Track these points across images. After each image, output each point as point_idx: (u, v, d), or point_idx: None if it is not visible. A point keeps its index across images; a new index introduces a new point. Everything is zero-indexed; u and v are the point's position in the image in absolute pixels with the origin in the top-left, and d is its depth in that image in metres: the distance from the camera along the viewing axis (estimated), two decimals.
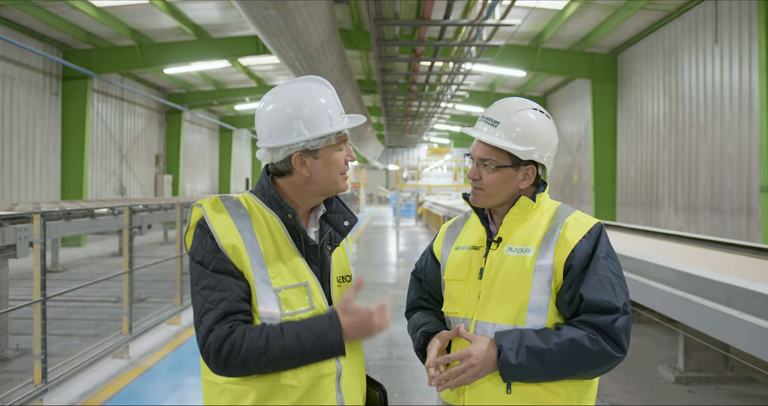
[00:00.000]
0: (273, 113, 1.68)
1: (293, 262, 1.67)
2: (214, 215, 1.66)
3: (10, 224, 5.59)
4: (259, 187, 1.74)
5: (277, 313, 1.61)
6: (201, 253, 1.63)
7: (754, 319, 3.21)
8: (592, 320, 1.64)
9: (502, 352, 1.65)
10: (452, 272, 1.88)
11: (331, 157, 1.71)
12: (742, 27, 10.54)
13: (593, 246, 1.73)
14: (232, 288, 1.58)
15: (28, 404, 4.34)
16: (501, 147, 1.77)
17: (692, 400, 4.96)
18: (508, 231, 1.82)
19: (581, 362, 1.63)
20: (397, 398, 4.90)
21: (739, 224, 10.60)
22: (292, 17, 6.87)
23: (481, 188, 1.82)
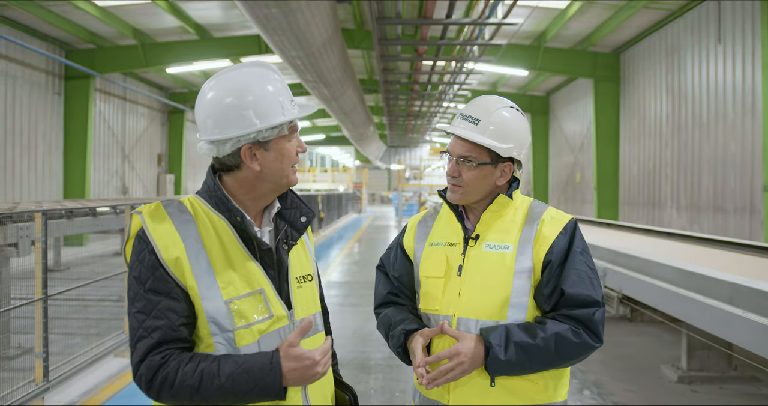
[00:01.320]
0: (219, 102, 1.52)
1: (246, 268, 1.55)
2: (154, 224, 1.51)
3: (12, 222, 5.60)
4: (206, 188, 1.60)
5: (228, 327, 1.49)
6: (138, 269, 1.49)
7: (758, 317, 3.20)
8: (573, 313, 1.71)
9: (491, 348, 1.68)
10: (429, 269, 1.88)
11: (283, 149, 1.57)
12: (746, 26, 10.50)
13: (569, 242, 1.78)
14: (167, 315, 1.45)
15: (29, 402, 4.34)
16: (484, 144, 1.79)
17: (695, 399, 4.94)
18: (485, 228, 1.84)
19: (565, 354, 1.70)
20: (399, 397, 4.89)
21: (742, 224, 10.57)
22: (294, 16, 6.87)
23: (459, 185, 1.84)
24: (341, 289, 9.95)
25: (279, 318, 1.57)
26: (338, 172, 44.04)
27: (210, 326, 1.49)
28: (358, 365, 5.60)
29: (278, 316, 1.57)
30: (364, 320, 7.64)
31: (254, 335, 1.51)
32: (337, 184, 40.25)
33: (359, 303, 8.72)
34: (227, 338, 1.49)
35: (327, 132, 37.54)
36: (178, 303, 1.47)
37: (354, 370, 5.43)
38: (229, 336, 1.49)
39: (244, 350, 1.50)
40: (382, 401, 4.78)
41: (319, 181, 39.18)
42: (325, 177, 41.24)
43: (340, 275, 11.68)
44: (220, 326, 1.49)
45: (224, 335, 1.49)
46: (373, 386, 5.10)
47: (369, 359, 5.82)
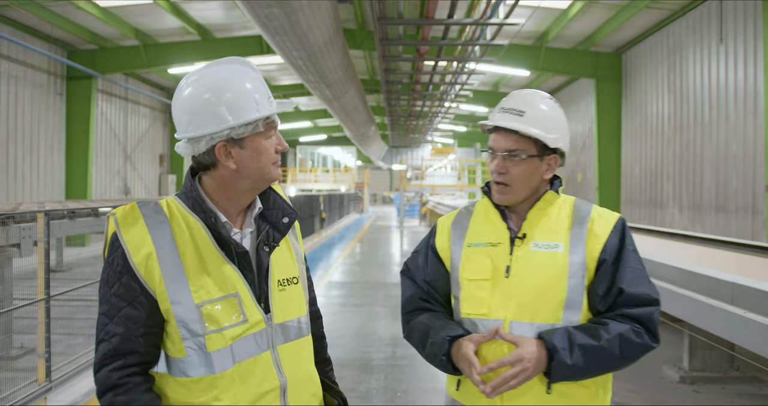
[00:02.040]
0: (193, 99, 1.49)
1: (220, 271, 1.51)
2: (127, 226, 1.49)
3: (14, 222, 5.62)
4: (184, 189, 1.58)
5: (199, 331, 1.46)
6: (107, 271, 1.48)
7: (759, 317, 3.19)
8: (632, 312, 1.66)
9: (555, 352, 1.62)
10: (472, 272, 1.80)
11: (260, 146, 1.53)
12: (747, 26, 10.50)
13: (620, 239, 1.74)
14: (126, 324, 1.44)
15: (32, 402, 4.35)
16: (533, 135, 1.75)
17: (697, 399, 4.94)
18: (531, 226, 1.79)
19: (628, 356, 1.65)
20: (401, 397, 4.89)
21: (745, 224, 10.56)
22: (295, 16, 6.87)
23: (506, 184, 1.78)
24: (343, 289, 9.96)
25: (255, 323, 1.53)
26: (340, 172, 44.05)
27: (180, 330, 1.46)
28: (359, 365, 5.60)
29: (254, 320, 1.53)
30: (365, 320, 7.65)
31: (226, 340, 1.48)
32: (339, 184, 40.26)
33: (361, 303, 8.72)
34: (198, 343, 1.47)
35: (329, 132, 37.54)
36: (139, 312, 1.45)
37: (355, 370, 5.44)
38: (200, 341, 1.47)
39: (215, 355, 1.47)
40: (384, 401, 4.78)
41: (320, 182, 39.19)
42: (326, 177, 41.25)
43: (341, 275, 11.68)
44: (190, 330, 1.46)
45: (195, 340, 1.47)
46: (375, 387, 5.10)
47: (371, 360, 5.83)
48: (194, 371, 1.47)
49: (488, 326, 1.73)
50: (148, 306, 1.46)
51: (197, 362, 1.47)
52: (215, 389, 1.47)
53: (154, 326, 1.47)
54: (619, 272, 1.69)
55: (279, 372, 1.55)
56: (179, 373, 1.48)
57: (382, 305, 8.58)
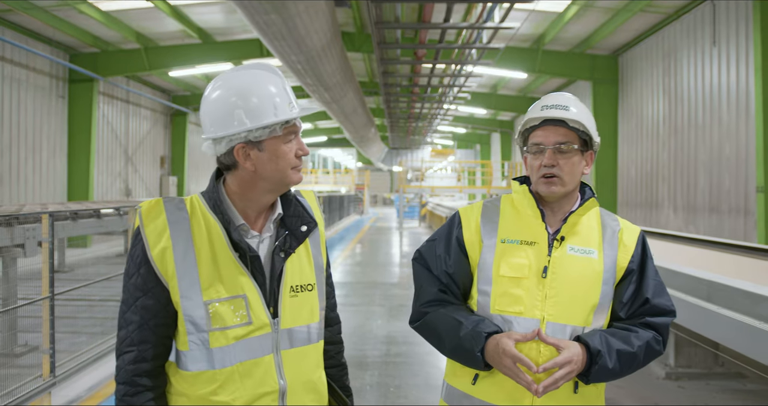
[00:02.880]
0: (215, 101, 1.56)
1: (231, 272, 1.56)
2: (149, 219, 1.56)
3: (18, 223, 5.77)
4: (207, 188, 1.64)
5: (203, 327, 1.53)
6: (129, 262, 1.57)
7: (732, 313, 3.34)
8: (654, 321, 1.76)
9: (599, 357, 1.68)
10: (510, 269, 1.81)
11: (278, 150, 1.57)
12: (740, 29, 10.65)
13: (643, 250, 1.85)
14: (142, 313, 1.53)
15: (36, 397, 4.50)
16: (583, 125, 1.81)
17: (681, 395, 5.09)
18: (569, 230, 1.84)
19: (646, 361, 1.76)
20: (393, 392, 5.04)
21: (737, 224, 10.70)
22: (293, 22, 7.03)
23: (557, 176, 1.81)
24: (343, 289, 10.10)
25: (260, 326, 1.57)
26: (340, 173, 44.19)
27: (186, 324, 1.52)
28: (355, 362, 5.76)
29: (259, 323, 1.57)
30: (363, 319, 7.80)
31: (228, 339, 1.53)
32: (339, 185, 40.41)
33: (360, 303, 8.87)
34: (201, 339, 1.53)
35: (329, 134, 37.72)
36: (154, 303, 1.53)
37: (351, 367, 5.51)
38: (204, 337, 1.53)
39: (216, 352, 1.53)
40: (377, 396, 4.93)
41: (321, 183, 39.35)
42: (327, 179, 41.41)
43: (341, 275, 11.83)
44: (196, 325, 1.52)
45: (199, 335, 1.53)
46: (369, 382, 5.26)
47: (366, 357, 5.99)
48: (194, 365, 1.54)
49: (523, 324, 1.76)
50: (162, 298, 1.53)
51: (198, 357, 1.53)
52: (214, 384, 1.53)
53: (167, 317, 1.54)
54: (644, 282, 1.80)
55: (280, 376, 1.58)
56: (182, 365, 1.56)
57: (379, 305, 8.72)
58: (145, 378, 1.54)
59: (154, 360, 1.55)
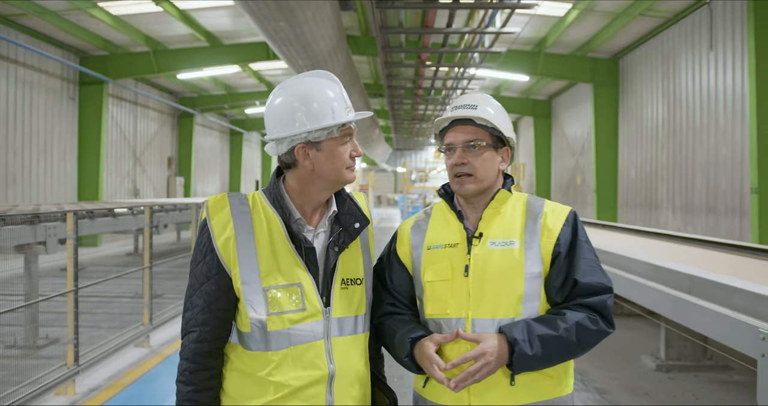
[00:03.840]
0: (279, 105, 1.71)
1: (288, 262, 1.69)
2: (215, 211, 1.72)
3: (39, 222, 6.06)
4: (269, 186, 1.79)
5: (263, 311, 1.66)
6: (197, 250, 1.72)
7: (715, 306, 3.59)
8: (587, 301, 1.74)
9: (516, 344, 1.68)
10: (434, 274, 1.86)
11: (335, 151, 1.71)
12: (735, 33, 10.89)
13: (573, 232, 1.83)
14: (205, 297, 1.69)
15: (62, 384, 4.79)
16: (491, 122, 1.84)
17: (671, 385, 5.35)
18: (486, 225, 1.85)
19: (585, 343, 1.73)
20: (396, 381, 5.32)
21: (732, 225, 10.95)
22: (300, 28, 7.32)
23: (469, 174, 1.84)
24: None
25: (313, 313, 1.69)
26: None
27: (247, 308, 1.67)
28: None
29: (312, 310, 1.69)
30: None
31: (284, 322, 1.66)
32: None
33: None
34: (261, 322, 1.66)
35: None
36: (217, 288, 1.68)
37: None
38: (262, 320, 1.66)
39: (273, 335, 1.66)
40: None
41: None
42: None
43: None
44: (255, 309, 1.66)
45: (258, 319, 1.66)
46: None
47: None
48: (255, 345, 1.68)
49: (452, 325, 1.79)
50: (224, 284, 1.68)
51: (258, 338, 1.67)
52: (270, 365, 1.66)
53: (228, 301, 1.69)
54: (573, 263, 1.78)
55: (330, 361, 1.69)
56: (244, 345, 1.70)
57: None
58: (204, 357, 1.70)
59: (215, 341, 1.71)
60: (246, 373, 1.69)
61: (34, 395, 4.46)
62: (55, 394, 4.84)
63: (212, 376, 1.72)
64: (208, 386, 1.71)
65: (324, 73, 1.76)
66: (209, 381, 1.71)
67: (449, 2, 9.14)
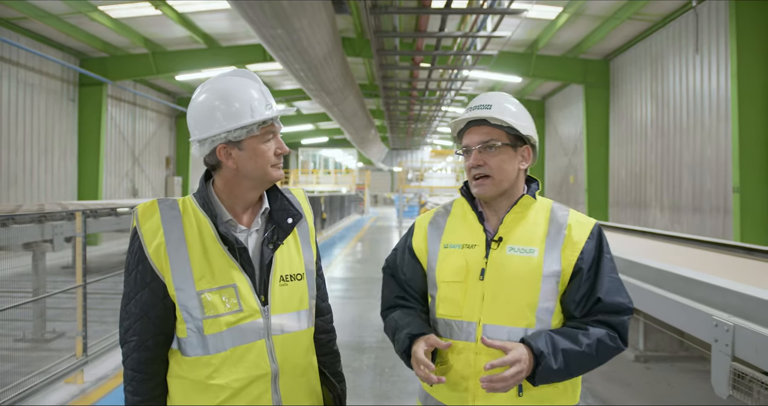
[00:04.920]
0: (197, 106, 1.68)
1: (221, 264, 1.66)
2: (145, 219, 1.68)
3: (46, 220, 6.34)
4: (198, 188, 1.76)
5: (198, 315, 1.63)
6: (129, 259, 1.69)
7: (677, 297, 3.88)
8: (608, 319, 1.72)
9: (543, 358, 1.64)
10: (447, 273, 1.82)
11: (257, 149, 1.67)
12: (720, 37, 11.20)
13: (597, 247, 1.78)
14: (142, 305, 1.65)
15: (72, 374, 5.08)
16: (505, 122, 1.80)
17: (647, 374, 5.66)
18: (507, 230, 1.81)
19: (602, 359, 1.71)
20: (387, 372, 5.62)
21: (717, 223, 11.27)
22: (297, 35, 7.60)
23: (487, 175, 1.81)
24: (343, 284, 10.68)
25: (251, 313, 1.66)
26: (341, 174, 44.71)
27: (182, 313, 1.63)
28: (354, 347, 6.36)
29: (249, 310, 1.66)
30: (362, 310, 8.38)
31: (221, 325, 1.64)
32: (340, 185, 40.92)
33: (359, 296, 9.46)
34: (197, 326, 1.63)
35: (330, 135, 38.26)
36: (152, 295, 1.65)
37: (351, 351, 6.19)
38: (198, 324, 1.63)
39: (210, 339, 1.63)
40: (374, 375, 5.52)
41: (322, 183, 39.87)
42: (328, 179, 41.93)
43: (342, 271, 12.41)
44: (191, 314, 1.63)
45: (194, 323, 1.63)
46: (366, 364, 5.85)
47: (364, 343, 6.58)
48: (192, 350, 1.65)
49: (463, 328, 1.77)
50: (159, 291, 1.65)
51: (195, 343, 1.64)
52: (210, 368, 1.64)
53: (164, 308, 1.66)
54: (598, 281, 1.74)
55: (272, 360, 1.68)
56: (182, 351, 1.67)
57: (377, 298, 9.24)
58: (147, 365, 1.68)
59: (156, 348, 1.68)
60: (187, 379, 1.67)
61: (45, 383, 4.75)
62: (65, 382, 5.12)
63: (158, 384, 1.71)
64: (155, 395, 1.70)
65: (245, 72, 1.74)
66: (156, 389, 1.70)
67: (441, 8, 9.43)
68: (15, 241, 5.90)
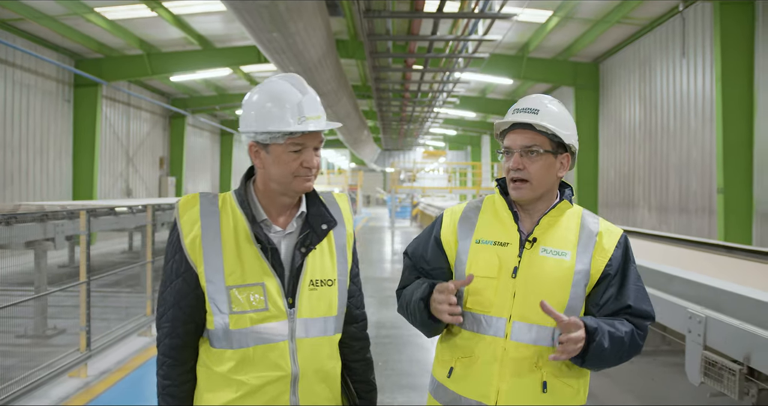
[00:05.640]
0: (246, 100, 1.74)
1: (253, 262, 1.69)
2: (185, 211, 1.73)
3: (48, 219, 6.49)
4: (239, 186, 1.80)
5: (225, 309, 1.68)
6: (167, 248, 1.76)
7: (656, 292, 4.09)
8: (635, 321, 1.79)
9: (596, 334, 1.68)
10: (480, 268, 1.84)
11: (281, 157, 1.69)
12: (705, 42, 11.46)
13: (624, 254, 1.85)
14: (175, 294, 1.72)
15: (76, 367, 5.25)
16: (549, 129, 1.80)
17: (630, 367, 5.89)
18: (542, 232, 1.85)
19: (630, 353, 1.78)
20: (381, 366, 5.82)
21: (702, 223, 11.54)
22: (293, 39, 7.79)
23: (525, 180, 1.82)
24: None
25: (276, 313, 1.69)
26: (334, 174, 44.84)
27: (211, 306, 1.68)
28: None
29: (275, 311, 1.69)
30: None
31: (246, 322, 1.67)
32: (333, 186, 41.06)
33: None
34: (223, 320, 1.68)
35: None
36: (186, 285, 1.71)
37: None
38: (225, 319, 1.67)
39: (235, 334, 1.67)
40: None
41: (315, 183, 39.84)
42: (320, 179, 42.06)
43: None
44: (218, 307, 1.68)
45: (221, 317, 1.67)
46: None
47: None
48: (218, 343, 1.70)
49: (492, 323, 1.80)
50: (192, 281, 1.71)
51: (221, 336, 1.69)
52: (231, 362, 1.69)
53: (196, 298, 1.71)
54: (624, 287, 1.81)
55: (293, 362, 1.70)
56: (210, 342, 1.73)
57: (371, 296, 9.48)
58: (178, 352, 1.74)
59: (186, 336, 1.73)
60: (212, 369, 1.72)
61: (50, 377, 4.91)
62: (69, 376, 5.29)
63: (187, 370, 1.76)
64: (184, 380, 1.75)
65: (297, 80, 1.73)
66: (185, 375, 1.75)
67: (433, 12, 9.64)
68: (17, 239, 6.05)
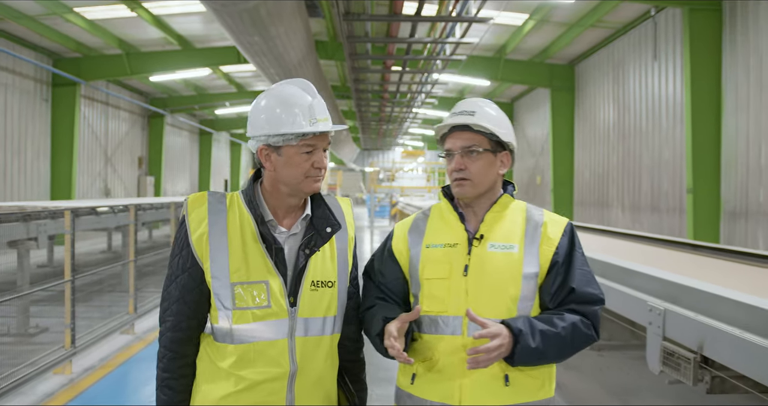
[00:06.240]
0: (253, 105, 1.78)
1: (257, 261, 1.74)
2: (194, 208, 1.78)
3: (30, 219, 6.55)
4: (247, 186, 1.84)
5: (229, 305, 1.73)
6: (174, 244, 1.81)
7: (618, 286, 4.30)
8: (581, 309, 1.82)
9: (521, 336, 1.72)
10: (432, 271, 1.89)
11: (293, 158, 1.74)
12: (676, 45, 11.78)
13: (570, 242, 1.89)
14: (180, 288, 1.77)
15: (60, 364, 5.35)
16: (487, 129, 1.87)
17: (600, 360, 6.12)
18: (488, 228, 1.90)
19: (577, 345, 1.80)
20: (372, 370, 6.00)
21: (673, 222, 11.87)
22: (273, 42, 7.93)
23: (467, 178, 1.89)
24: None
25: (277, 311, 1.74)
26: None
27: (216, 301, 1.74)
28: None
29: (277, 309, 1.74)
30: None
31: (248, 318, 1.72)
32: None
33: None
34: (227, 316, 1.73)
35: None
36: (191, 280, 1.76)
37: None
38: (228, 314, 1.72)
39: (237, 329, 1.72)
40: None
41: None
42: None
43: None
44: (222, 303, 1.73)
45: (225, 312, 1.73)
46: None
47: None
48: (221, 338, 1.75)
49: (448, 322, 1.83)
50: (197, 277, 1.76)
51: (224, 331, 1.74)
52: (233, 357, 1.73)
53: (201, 294, 1.77)
54: (570, 272, 1.85)
55: (292, 360, 1.74)
56: (213, 336, 1.78)
57: None
58: (180, 345, 1.79)
59: (189, 330, 1.79)
60: (213, 363, 1.77)
61: (35, 374, 5.00)
62: (54, 373, 5.38)
63: (187, 364, 1.81)
64: (183, 374, 1.80)
65: (305, 84, 1.80)
66: (184, 369, 1.81)
67: (412, 15, 9.83)
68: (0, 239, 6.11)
